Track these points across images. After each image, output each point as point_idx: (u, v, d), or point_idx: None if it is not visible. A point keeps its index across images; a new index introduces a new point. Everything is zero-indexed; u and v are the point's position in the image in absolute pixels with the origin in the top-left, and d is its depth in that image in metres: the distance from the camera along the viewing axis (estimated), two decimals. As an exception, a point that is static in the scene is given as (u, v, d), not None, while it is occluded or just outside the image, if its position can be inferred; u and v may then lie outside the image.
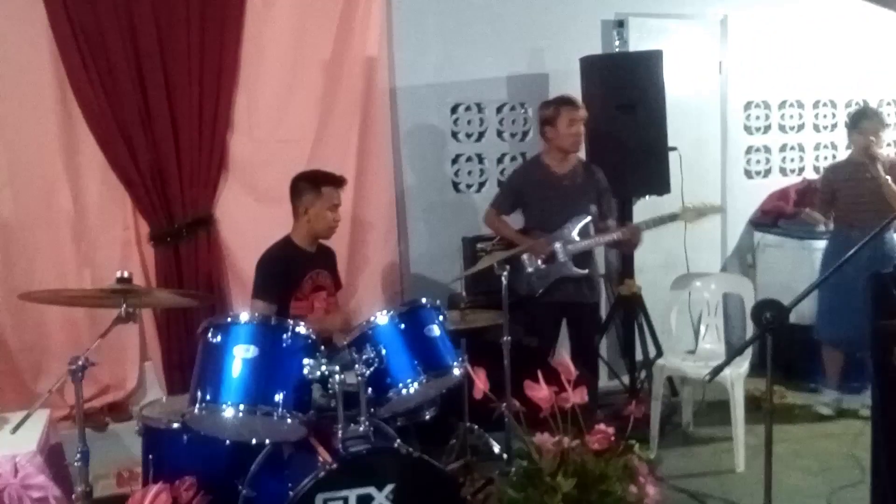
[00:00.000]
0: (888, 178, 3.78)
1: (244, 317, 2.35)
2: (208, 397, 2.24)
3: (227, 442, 2.49)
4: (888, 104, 5.29)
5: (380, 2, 3.96)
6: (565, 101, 3.64)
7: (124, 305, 2.28)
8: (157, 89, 3.55)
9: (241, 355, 2.25)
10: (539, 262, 3.62)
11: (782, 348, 4.98)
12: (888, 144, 5.14)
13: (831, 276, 2.16)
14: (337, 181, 3.16)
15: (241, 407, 2.22)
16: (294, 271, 3.11)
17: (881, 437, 2.42)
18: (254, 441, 2.43)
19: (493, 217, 3.76)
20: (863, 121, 3.96)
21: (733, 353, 2.35)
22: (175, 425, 2.52)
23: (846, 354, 4.11)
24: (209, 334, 2.30)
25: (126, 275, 2.35)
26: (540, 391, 2.35)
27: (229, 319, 2.35)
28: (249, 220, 3.76)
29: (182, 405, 2.50)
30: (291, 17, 3.80)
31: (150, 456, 2.55)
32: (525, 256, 3.63)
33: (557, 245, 3.60)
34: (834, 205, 4.13)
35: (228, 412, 2.22)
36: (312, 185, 3.12)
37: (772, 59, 4.98)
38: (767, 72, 4.98)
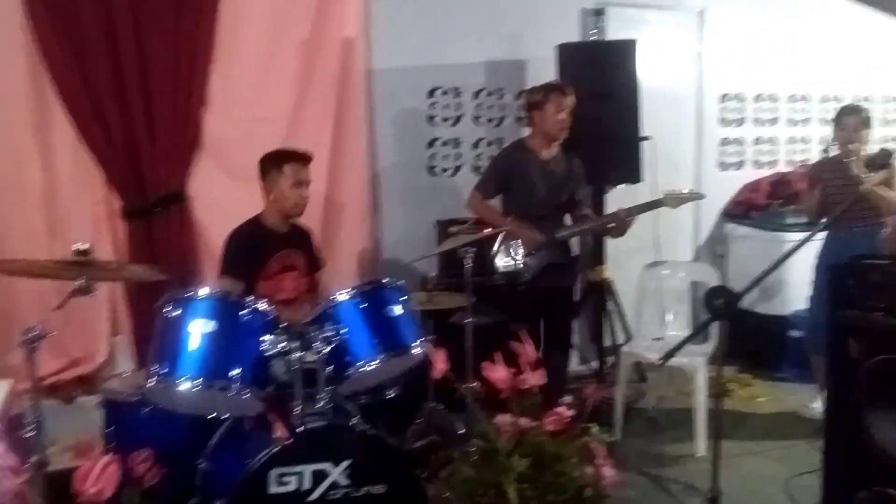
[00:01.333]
0: (868, 175, 3.55)
1: (203, 292, 2.36)
2: (165, 371, 2.26)
3: (187, 416, 2.51)
4: (863, 100, 5.33)
5: (358, -19, 3.96)
6: (554, 88, 3.65)
7: (83, 278, 2.28)
8: (131, 64, 3.52)
9: (198, 330, 2.27)
10: (522, 251, 3.60)
11: (750, 337, 5.04)
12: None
13: (778, 265, 2.19)
14: (300, 157, 3.13)
15: (197, 381, 2.23)
16: (260, 250, 3.10)
17: (834, 425, 2.48)
18: (213, 415, 2.45)
19: (478, 201, 3.73)
20: (845, 117, 3.83)
21: (685, 338, 2.40)
22: (133, 399, 2.54)
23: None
24: (168, 308, 2.32)
25: (84, 247, 2.34)
26: (498, 372, 2.39)
27: (188, 294, 2.36)
28: (223, 198, 3.74)
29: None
30: (268, -4, 3.78)
31: (111, 428, 2.57)
32: (504, 246, 3.61)
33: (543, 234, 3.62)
34: (826, 203, 3.92)
35: (184, 386, 2.24)
36: (275, 163, 3.10)
37: (748, 53, 5.02)
38: (743, 65, 5.02)
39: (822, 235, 4.13)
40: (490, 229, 3.36)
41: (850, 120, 3.80)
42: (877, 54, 5.30)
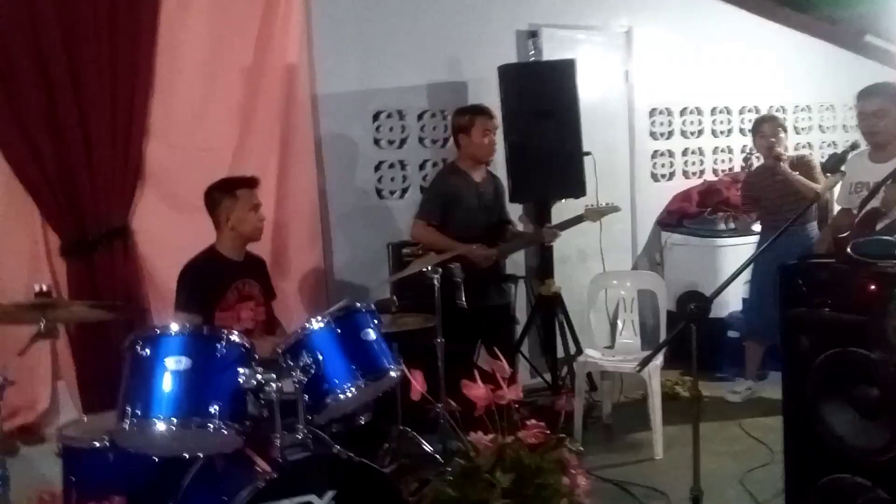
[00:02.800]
0: (796, 173, 4.00)
1: (174, 328, 2.29)
2: (139, 412, 2.16)
3: (156, 458, 2.42)
4: (777, 110, 5.70)
5: (299, 8, 3.94)
6: (479, 111, 3.74)
7: (44, 321, 2.18)
8: (66, 95, 3.39)
9: (171, 367, 2.19)
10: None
11: (690, 340, 5.26)
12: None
13: (742, 270, 2.31)
14: (250, 182, 3.14)
15: (174, 420, 2.16)
16: (218, 281, 3.04)
17: (791, 418, 2.61)
18: (186, 455, 2.37)
19: (424, 229, 3.75)
20: (762, 124, 4.23)
21: (661, 343, 2.49)
22: (97, 444, 2.42)
23: (766, 346, 4.32)
24: (137, 347, 2.22)
25: (45, 288, 2.25)
26: (477, 390, 2.41)
27: (158, 331, 2.29)
28: (168, 230, 3.65)
29: (105, 423, 2.42)
30: (209, 23, 3.72)
31: (72, 478, 2.44)
32: (454, 266, 3.65)
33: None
34: (758, 209, 4.35)
35: (160, 426, 2.15)
36: (226, 191, 3.08)
37: (673, 69, 5.27)
38: (669, 81, 5.27)
39: (756, 238, 4.45)
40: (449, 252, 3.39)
41: (767, 127, 4.16)
42: (788, 68, 5.67)
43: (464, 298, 3.40)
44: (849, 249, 2.45)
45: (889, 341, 2.09)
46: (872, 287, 2.26)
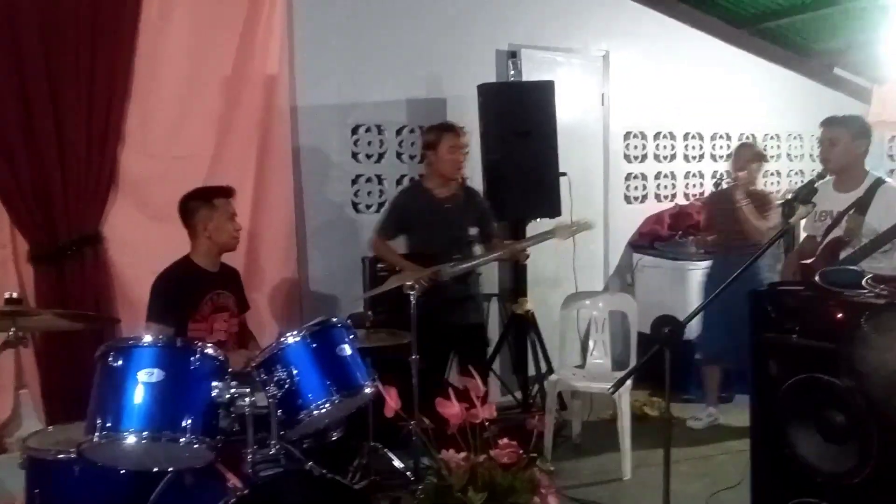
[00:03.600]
0: (747, 202, 4.07)
1: (147, 339, 2.26)
2: (109, 424, 2.11)
3: (123, 472, 2.37)
4: (747, 137, 5.84)
5: (281, 20, 3.95)
6: (447, 128, 3.76)
7: (13, 329, 2.13)
8: (42, 100, 3.35)
9: (144, 379, 2.15)
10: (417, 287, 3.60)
11: (659, 362, 5.34)
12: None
13: (718, 296, 2.36)
14: (226, 192, 3.12)
15: (145, 434, 2.11)
16: (192, 292, 3.01)
17: (759, 441, 2.66)
18: (155, 470, 2.32)
19: (380, 244, 3.76)
20: (740, 150, 4.32)
21: (635, 366, 2.52)
22: (62, 456, 2.36)
23: (723, 370, 4.40)
24: (109, 358, 2.18)
25: (15, 295, 2.20)
26: (451, 408, 2.41)
27: (131, 342, 2.24)
28: (141, 239, 3.61)
29: (71, 435, 2.38)
30: (189, 32, 3.71)
31: (37, 490, 2.38)
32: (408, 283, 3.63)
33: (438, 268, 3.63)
34: (715, 229, 4.41)
35: (131, 440, 2.11)
36: (204, 200, 3.06)
37: (648, 94, 5.38)
38: (644, 105, 5.37)
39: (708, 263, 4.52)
40: (427, 269, 3.40)
41: (744, 152, 4.27)
42: (759, 97, 5.82)
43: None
44: (817, 278, 2.52)
45: (856, 369, 2.14)
46: (840, 315, 2.32)
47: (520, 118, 4.22)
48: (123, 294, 3.63)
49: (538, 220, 4.43)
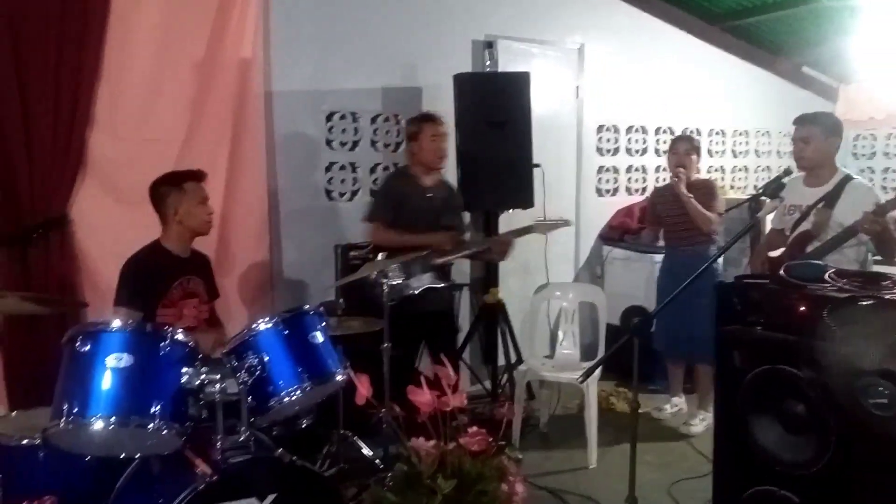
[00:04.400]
0: (690, 196, 4.07)
1: (116, 324, 2.23)
2: (76, 410, 2.09)
3: (88, 458, 2.35)
4: (717, 133, 5.93)
5: (256, 4, 3.90)
6: (427, 118, 3.77)
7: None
8: (6, 79, 3.26)
9: (112, 365, 2.13)
10: (408, 273, 3.60)
11: (625, 353, 5.44)
12: (709, 170, 5.77)
13: (683, 291, 2.40)
14: (197, 175, 3.08)
15: (113, 419, 2.09)
16: (162, 277, 2.98)
17: (723, 431, 2.72)
18: (122, 456, 2.30)
19: (382, 230, 3.72)
20: (676, 143, 4.28)
21: (604, 355, 2.56)
22: (26, 442, 2.33)
23: (687, 363, 4.45)
24: (77, 343, 2.16)
25: (-21, 279, 2.16)
26: (423, 396, 2.42)
27: (100, 327, 2.22)
28: (109, 222, 3.55)
29: (35, 420, 2.35)
30: (162, 14, 3.64)
31: (0, 476, 2.34)
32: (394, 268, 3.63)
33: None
34: (660, 224, 4.43)
35: (98, 425, 2.09)
36: (174, 184, 3.02)
37: (622, 88, 5.42)
38: (617, 99, 5.42)
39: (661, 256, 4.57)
40: (413, 251, 3.38)
41: (681, 146, 4.23)
42: (729, 93, 5.92)
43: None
44: (781, 272, 2.58)
45: (817, 361, 2.20)
46: (802, 308, 2.38)
47: (495, 109, 4.22)
48: (90, 278, 3.57)
49: (511, 210, 4.47)
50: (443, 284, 3.81)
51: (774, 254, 3.45)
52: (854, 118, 6.09)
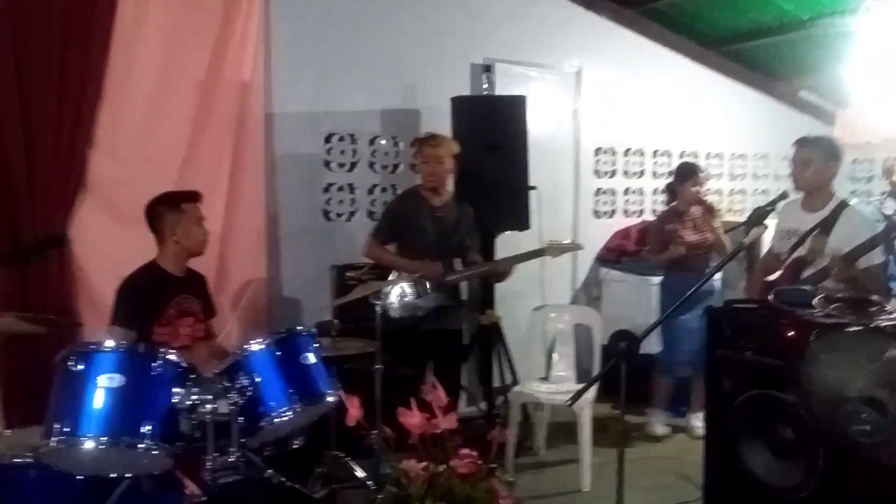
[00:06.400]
0: (700, 217, 4.23)
1: (109, 344, 2.25)
2: (67, 429, 2.11)
3: (80, 478, 2.36)
4: (715, 156, 5.97)
5: (256, 27, 3.97)
6: (418, 140, 3.86)
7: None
8: (10, 98, 3.32)
9: (104, 385, 2.16)
10: (419, 291, 3.64)
11: (618, 375, 5.45)
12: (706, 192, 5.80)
13: (673, 313, 2.42)
14: (193, 196, 3.12)
15: (104, 439, 2.11)
16: (158, 296, 3.00)
17: (713, 453, 2.73)
18: (113, 475, 2.32)
19: (376, 247, 3.79)
20: (698, 172, 4.41)
21: (592, 379, 2.57)
22: (19, 461, 2.34)
23: (675, 382, 4.49)
24: (69, 362, 2.18)
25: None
26: (413, 418, 2.44)
27: (92, 347, 2.24)
28: (108, 242, 3.59)
29: (29, 439, 2.36)
30: (164, 36, 3.71)
31: (-9, 495, 2.36)
32: (406, 285, 3.65)
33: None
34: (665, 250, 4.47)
35: (89, 445, 2.11)
36: (171, 205, 3.05)
37: (619, 111, 5.47)
38: (615, 122, 5.46)
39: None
40: (393, 273, 3.43)
41: (701, 175, 4.40)
42: (727, 116, 5.96)
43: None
44: (771, 297, 2.60)
45: (803, 386, 2.21)
46: (790, 333, 2.40)
47: (491, 131, 4.27)
48: (88, 297, 3.60)
49: (507, 232, 4.49)
50: (452, 303, 3.84)
51: (771, 278, 3.46)
52: (852, 142, 6.09)
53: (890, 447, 1.97)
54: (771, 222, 3.39)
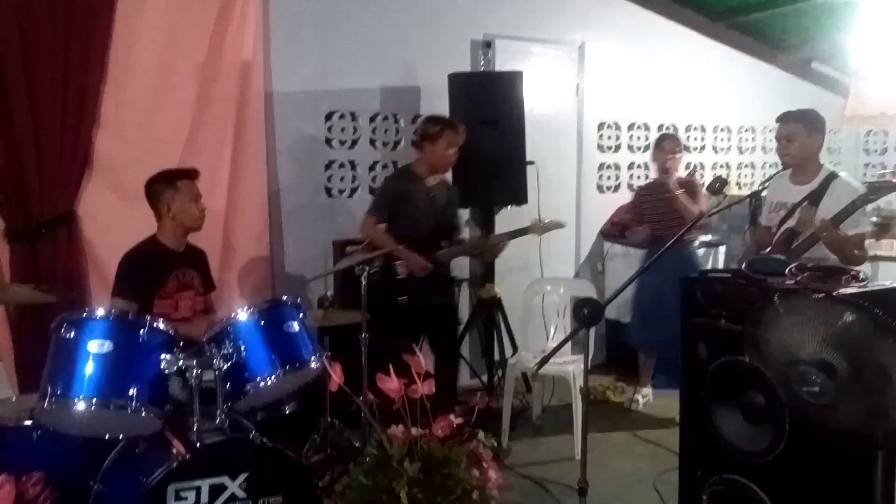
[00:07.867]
0: (682, 191, 4.17)
1: (99, 312, 2.39)
2: (59, 391, 2.26)
3: (80, 439, 2.51)
4: (722, 129, 5.92)
5: (256, 6, 4.04)
6: (450, 125, 3.85)
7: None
8: (17, 80, 3.45)
9: (94, 350, 2.29)
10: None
11: (625, 349, 5.45)
12: (694, 166, 5.77)
13: (636, 279, 2.46)
14: (190, 174, 3.21)
15: (94, 400, 2.25)
16: (158, 269, 3.13)
17: (688, 421, 2.78)
18: (107, 436, 2.46)
19: (372, 226, 3.85)
20: (664, 141, 4.37)
21: (555, 346, 2.64)
22: (23, 423, 2.50)
23: (658, 355, 4.53)
24: (62, 330, 2.32)
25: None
26: (391, 383, 2.54)
27: (83, 315, 2.38)
28: (114, 219, 3.71)
29: (34, 404, 2.52)
30: (165, 16, 3.80)
31: (-1, 455, 2.52)
32: (397, 264, 3.79)
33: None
34: (644, 222, 4.48)
35: (80, 406, 2.25)
36: (167, 182, 3.16)
37: (623, 85, 5.45)
38: (619, 96, 5.45)
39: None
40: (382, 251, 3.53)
41: (668, 144, 4.34)
42: (734, 89, 5.91)
43: (405, 296, 3.60)
44: (744, 266, 2.63)
45: (759, 349, 2.25)
46: (757, 301, 2.43)
47: (488, 107, 4.31)
48: (96, 271, 3.75)
49: (509, 207, 4.54)
50: (445, 281, 3.93)
51: (764, 251, 3.48)
52: (865, 114, 6.02)
53: (837, 410, 2.01)
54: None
